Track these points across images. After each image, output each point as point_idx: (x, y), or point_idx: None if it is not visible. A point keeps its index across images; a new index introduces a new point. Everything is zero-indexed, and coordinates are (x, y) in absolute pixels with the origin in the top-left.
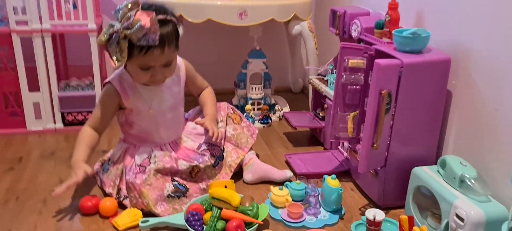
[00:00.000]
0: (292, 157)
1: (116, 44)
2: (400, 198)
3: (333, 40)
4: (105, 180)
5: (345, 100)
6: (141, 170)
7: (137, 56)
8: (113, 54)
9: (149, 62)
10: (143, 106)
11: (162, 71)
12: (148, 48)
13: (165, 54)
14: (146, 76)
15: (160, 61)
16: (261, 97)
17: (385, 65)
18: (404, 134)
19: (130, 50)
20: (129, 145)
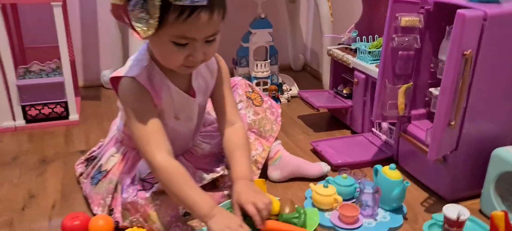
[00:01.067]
0: (320, 145)
1: (142, 4)
2: (472, 187)
3: (347, 3)
4: (93, 196)
5: (395, 70)
6: (146, 186)
7: (173, 24)
8: (137, 21)
9: (190, 32)
10: (170, 113)
11: (203, 49)
12: (192, 9)
13: (213, 21)
14: (182, 55)
15: (205, 31)
16: (267, 75)
17: (470, 17)
18: (482, 107)
19: (162, 16)
20: (128, 150)
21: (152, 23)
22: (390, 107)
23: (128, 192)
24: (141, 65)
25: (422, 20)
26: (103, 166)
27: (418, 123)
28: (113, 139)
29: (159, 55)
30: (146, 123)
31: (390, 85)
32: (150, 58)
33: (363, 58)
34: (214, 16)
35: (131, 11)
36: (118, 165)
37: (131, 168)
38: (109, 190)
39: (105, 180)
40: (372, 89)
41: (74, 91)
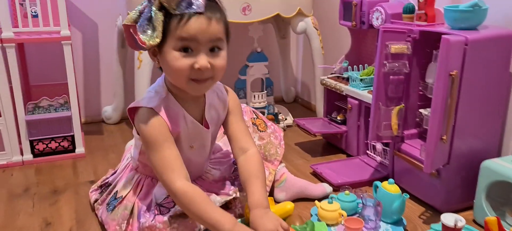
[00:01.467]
0: (319, 167)
1: (147, 21)
2: (465, 199)
3: (336, 36)
4: (109, 222)
5: (388, 93)
6: (163, 211)
7: (175, 30)
8: (143, 34)
9: (187, 32)
10: (185, 144)
11: (208, 57)
12: (189, 15)
13: (212, 27)
14: (186, 62)
15: (204, 36)
16: (264, 106)
17: (454, 42)
18: (469, 124)
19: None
20: (143, 177)
21: (157, 34)
22: (384, 128)
23: (145, 217)
24: (159, 97)
25: (410, 47)
26: (118, 192)
27: (411, 142)
28: (127, 166)
29: (169, 71)
30: (164, 151)
31: (384, 108)
32: (168, 90)
33: (356, 85)
34: (212, 22)
35: (139, 28)
36: (133, 192)
37: (146, 194)
38: (124, 216)
39: (121, 206)
40: (365, 114)
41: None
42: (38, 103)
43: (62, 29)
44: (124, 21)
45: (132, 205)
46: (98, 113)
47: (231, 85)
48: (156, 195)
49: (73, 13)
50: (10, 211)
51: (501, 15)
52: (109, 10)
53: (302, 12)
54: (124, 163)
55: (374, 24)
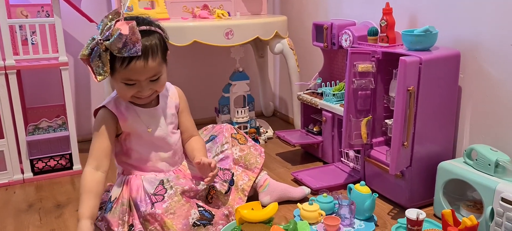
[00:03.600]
0: (299, 174)
1: (98, 58)
2: (426, 196)
3: (309, 55)
4: (111, 219)
5: (357, 107)
6: (158, 199)
7: (119, 70)
8: (95, 69)
9: (132, 75)
10: (141, 128)
11: (149, 86)
12: (129, 59)
13: (149, 67)
14: (131, 91)
15: (144, 75)
16: (247, 120)
17: (410, 62)
18: (426, 131)
19: (113, 64)
20: (130, 176)
21: (105, 70)
22: (355, 137)
23: (143, 206)
24: (111, 97)
25: (374, 66)
26: (112, 196)
27: (379, 148)
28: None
29: (117, 91)
30: (95, 141)
31: (354, 119)
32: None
33: (329, 100)
34: (148, 62)
35: (92, 62)
36: (124, 191)
37: (136, 189)
38: (123, 210)
39: (117, 205)
40: (338, 125)
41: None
42: (38, 125)
43: (60, 55)
44: (79, 55)
45: (127, 200)
46: (89, 132)
47: (216, 102)
48: (147, 187)
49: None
50: (20, 225)
51: (450, 38)
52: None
53: (279, 35)
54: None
55: (343, 45)
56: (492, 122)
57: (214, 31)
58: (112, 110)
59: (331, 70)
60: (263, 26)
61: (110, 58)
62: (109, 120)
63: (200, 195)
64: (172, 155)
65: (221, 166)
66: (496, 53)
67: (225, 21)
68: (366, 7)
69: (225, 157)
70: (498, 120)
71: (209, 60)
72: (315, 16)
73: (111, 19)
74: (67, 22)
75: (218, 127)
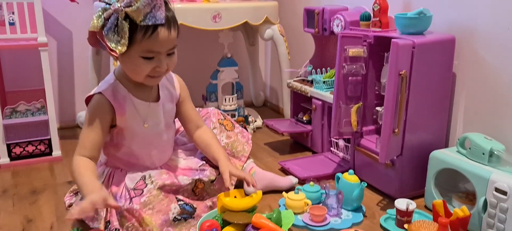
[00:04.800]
0: (286, 163)
1: (114, 28)
2: (417, 187)
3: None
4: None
5: (347, 93)
6: (137, 193)
7: (140, 41)
8: (111, 41)
9: (154, 46)
10: (138, 123)
11: (166, 61)
12: (154, 28)
13: (171, 37)
14: (149, 67)
15: (166, 45)
16: (235, 108)
17: (402, 44)
18: (418, 118)
19: (131, 36)
20: (114, 169)
21: (123, 42)
22: (345, 125)
23: (121, 202)
24: (108, 83)
25: (366, 51)
26: None
27: (369, 137)
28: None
29: (130, 70)
30: (87, 131)
31: (344, 106)
32: (116, 78)
33: (319, 87)
34: (171, 32)
35: (106, 35)
36: (105, 183)
37: (118, 183)
38: None
39: None
40: (328, 113)
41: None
42: (16, 108)
43: (39, 36)
44: (90, 27)
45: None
46: (72, 119)
47: (203, 89)
48: (128, 182)
49: (48, 21)
50: None
51: (445, 23)
52: (83, 18)
53: (269, 20)
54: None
55: (335, 30)
56: (487, 110)
57: (201, 14)
58: (109, 100)
59: (322, 57)
60: (253, 10)
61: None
62: (106, 110)
63: (185, 189)
64: (162, 151)
65: None
66: (492, 39)
67: (213, 4)
68: None
69: None
70: (493, 108)
71: (197, 45)
72: (307, 2)
73: None
74: (48, 2)
75: (204, 111)
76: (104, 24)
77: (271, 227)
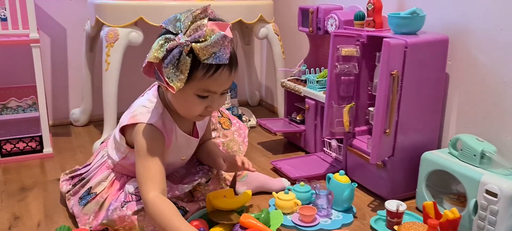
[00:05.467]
0: (278, 163)
1: (175, 62)
2: (408, 189)
3: (296, 42)
4: (81, 216)
5: (340, 93)
6: (133, 198)
7: (199, 80)
8: (169, 76)
9: (213, 86)
10: (176, 155)
11: (219, 100)
12: (216, 68)
13: (232, 78)
14: (202, 106)
15: (224, 86)
16: (228, 107)
17: (394, 44)
18: (410, 119)
19: (191, 72)
20: (118, 175)
21: (182, 78)
22: (337, 125)
23: (114, 205)
24: (158, 112)
25: (359, 50)
26: (92, 188)
27: (362, 138)
28: (103, 165)
29: (181, 106)
30: (152, 163)
31: (336, 106)
32: (163, 107)
33: (312, 87)
34: (232, 73)
35: (165, 68)
36: (107, 189)
37: (119, 190)
38: (94, 210)
39: (93, 202)
40: (322, 113)
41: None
42: (6, 104)
43: (31, 32)
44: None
45: (103, 200)
46: (66, 116)
47: None
48: (128, 186)
49: (42, 18)
50: None
51: (438, 22)
52: (77, 15)
53: (264, 19)
54: (98, 159)
55: (329, 30)
56: (480, 111)
57: None
58: (161, 131)
59: (316, 56)
60: (247, 8)
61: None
62: (160, 139)
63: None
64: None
65: None
66: (485, 39)
67: (206, 1)
68: None
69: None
70: (487, 109)
71: None
72: (303, 1)
73: (199, 17)
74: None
75: None
76: (165, 56)
77: (259, 227)
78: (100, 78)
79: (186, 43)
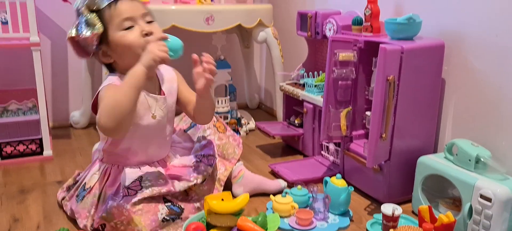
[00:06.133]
0: (276, 166)
1: (85, 25)
2: (405, 193)
3: (295, 46)
4: (80, 210)
5: (337, 97)
6: (130, 193)
7: (111, 19)
8: (87, 33)
9: (125, 12)
10: (147, 114)
11: (149, 27)
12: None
13: (136, 3)
14: (135, 34)
15: (136, 10)
16: (227, 110)
17: (390, 50)
18: (406, 124)
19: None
20: (110, 166)
21: (98, 26)
22: (334, 129)
23: (114, 199)
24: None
25: (356, 55)
26: (87, 183)
27: (359, 142)
28: (94, 162)
29: (124, 53)
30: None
31: (333, 110)
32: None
33: (311, 91)
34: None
35: (81, 34)
36: (100, 181)
37: (113, 181)
38: (93, 203)
39: (90, 195)
40: (320, 117)
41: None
42: (7, 107)
43: (31, 35)
44: (67, 36)
45: (99, 192)
46: (66, 118)
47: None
48: (123, 179)
49: (42, 21)
50: None
51: (435, 28)
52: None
53: (263, 23)
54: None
55: (327, 34)
56: (476, 116)
57: (194, 16)
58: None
59: (315, 61)
60: (246, 13)
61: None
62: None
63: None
64: (159, 147)
65: (205, 152)
66: (482, 45)
67: (206, 6)
68: None
69: (208, 142)
70: (482, 114)
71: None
72: (302, 5)
73: None
74: (43, 2)
75: None
76: (77, 28)
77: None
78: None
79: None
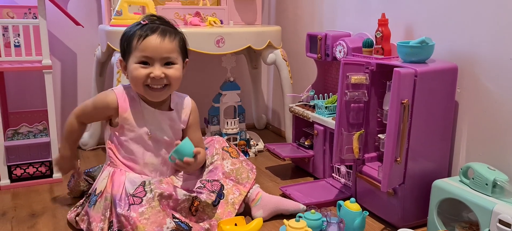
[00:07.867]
0: (288, 189)
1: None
2: (419, 217)
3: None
4: (94, 215)
5: (349, 120)
6: (136, 201)
7: (135, 47)
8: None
9: (146, 51)
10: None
11: (162, 70)
12: (146, 35)
13: (165, 44)
14: (143, 72)
15: (159, 52)
16: (236, 132)
17: (404, 73)
18: (420, 147)
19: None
20: (115, 169)
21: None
22: (347, 152)
23: (120, 206)
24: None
25: (368, 78)
26: (97, 189)
27: (371, 164)
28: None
29: (131, 79)
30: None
31: (346, 133)
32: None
33: (321, 112)
34: (165, 41)
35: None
36: (108, 184)
37: (118, 185)
38: (106, 205)
39: (101, 199)
40: (330, 139)
41: None
42: (18, 130)
43: (43, 58)
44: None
45: (109, 195)
46: None
47: (205, 113)
48: (128, 186)
49: (53, 43)
50: None
51: (447, 51)
52: (88, 41)
53: (272, 45)
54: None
55: (338, 56)
56: (490, 139)
57: (205, 39)
58: (117, 96)
59: (324, 82)
60: (256, 35)
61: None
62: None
63: (182, 206)
64: (161, 162)
65: (210, 177)
66: (495, 68)
67: (216, 28)
68: (362, 19)
69: (214, 168)
70: (497, 137)
71: (200, 69)
72: (311, 27)
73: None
74: (55, 25)
75: (209, 139)
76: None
77: None
78: None
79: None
